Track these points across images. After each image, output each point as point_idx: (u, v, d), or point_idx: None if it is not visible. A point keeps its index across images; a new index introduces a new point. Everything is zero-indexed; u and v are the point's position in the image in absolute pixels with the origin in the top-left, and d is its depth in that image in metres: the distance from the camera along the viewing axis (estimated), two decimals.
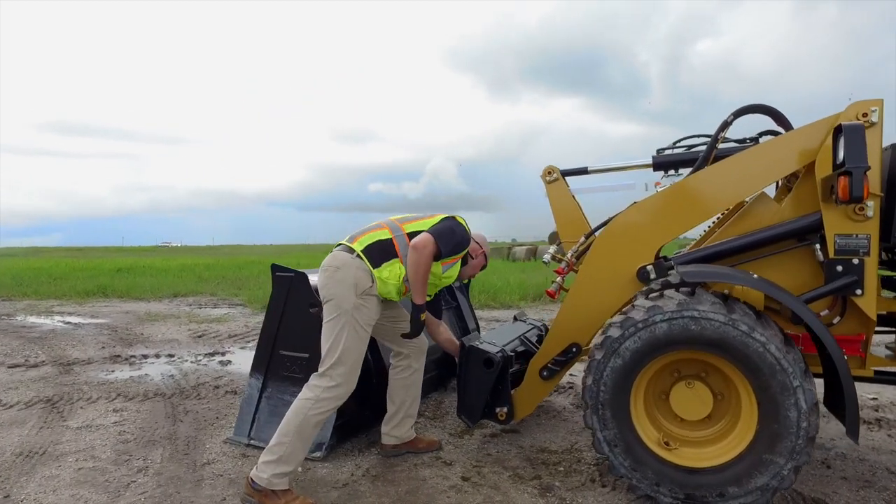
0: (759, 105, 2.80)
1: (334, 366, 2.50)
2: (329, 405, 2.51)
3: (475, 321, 4.73)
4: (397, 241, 2.69)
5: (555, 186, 3.39)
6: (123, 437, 3.25)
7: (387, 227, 2.75)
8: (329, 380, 2.50)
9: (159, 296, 11.53)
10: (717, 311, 2.21)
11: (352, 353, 2.53)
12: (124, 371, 4.98)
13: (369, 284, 2.59)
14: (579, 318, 2.85)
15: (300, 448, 2.47)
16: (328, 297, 2.57)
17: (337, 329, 2.52)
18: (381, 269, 2.62)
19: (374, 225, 2.79)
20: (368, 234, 2.70)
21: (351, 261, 2.60)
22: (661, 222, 2.74)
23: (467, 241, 2.82)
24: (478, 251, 3.01)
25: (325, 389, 2.49)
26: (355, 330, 2.54)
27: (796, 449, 2.12)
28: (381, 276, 2.62)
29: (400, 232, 2.72)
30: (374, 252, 2.63)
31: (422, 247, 2.56)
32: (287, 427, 2.46)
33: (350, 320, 2.53)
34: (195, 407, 3.88)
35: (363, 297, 2.57)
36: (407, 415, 2.99)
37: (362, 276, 2.57)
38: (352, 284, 2.54)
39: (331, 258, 2.65)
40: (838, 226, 2.41)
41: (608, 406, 2.36)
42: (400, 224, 2.76)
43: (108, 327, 7.49)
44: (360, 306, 2.55)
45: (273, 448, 2.44)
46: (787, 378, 2.13)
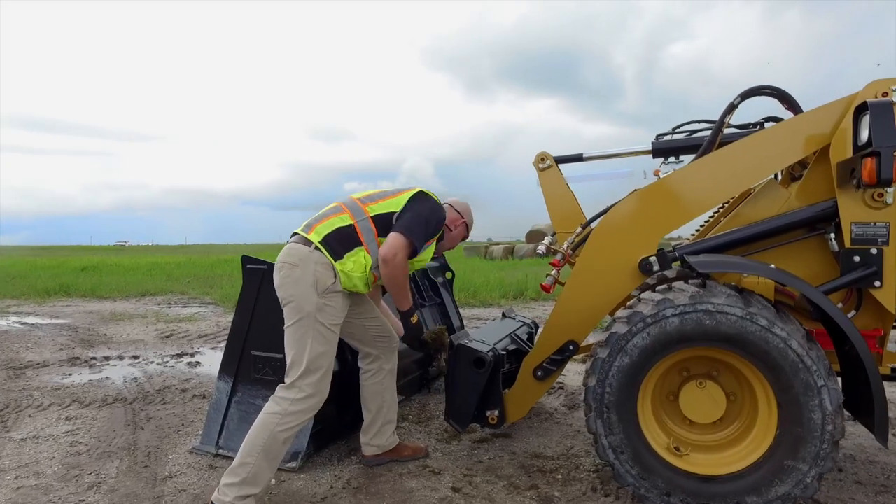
0: (768, 87, 2.63)
1: (303, 376, 2.24)
2: (299, 419, 2.25)
3: (460, 318, 4.51)
4: (360, 227, 2.39)
5: (548, 174, 3.18)
6: (75, 449, 2.94)
7: (347, 210, 2.44)
8: (298, 391, 2.24)
9: (126, 295, 11.04)
10: (734, 305, 2.02)
11: (321, 360, 2.27)
12: (83, 374, 4.62)
13: (332, 280, 2.29)
14: (576, 313, 2.63)
15: (267, 468, 2.21)
16: (287, 300, 2.29)
17: (300, 334, 2.25)
18: (343, 262, 2.32)
19: (332, 209, 2.47)
20: (326, 220, 2.40)
21: (309, 255, 2.30)
22: (664, 211, 2.55)
23: (442, 222, 2.57)
24: (457, 221, 2.74)
25: (294, 402, 2.23)
26: (321, 334, 2.27)
27: (821, 454, 1.95)
28: (345, 269, 2.32)
29: (363, 216, 2.42)
30: (334, 242, 2.33)
31: (391, 257, 2.29)
32: (252, 445, 2.19)
33: (313, 324, 2.25)
34: (159, 413, 3.57)
35: (326, 296, 2.28)
36: (386, 421, 2.74)
37: (323, 272, 2.28)
38: (312, 283, 2.25)
39: (286, 253, 2.34)
40: (855, 213, 2.25)
41: (614, 409, 2.16)
42: (363, 205, 2.45)
43: (69, 328, 7.06)
44: (323, 307, 2.27)
45: (236, 469, 2.18)
46: (810, 377, 1.95)
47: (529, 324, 3.75)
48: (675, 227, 2.59)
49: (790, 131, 2.41)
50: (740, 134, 2.87)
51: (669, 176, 2.65)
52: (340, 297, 2.35)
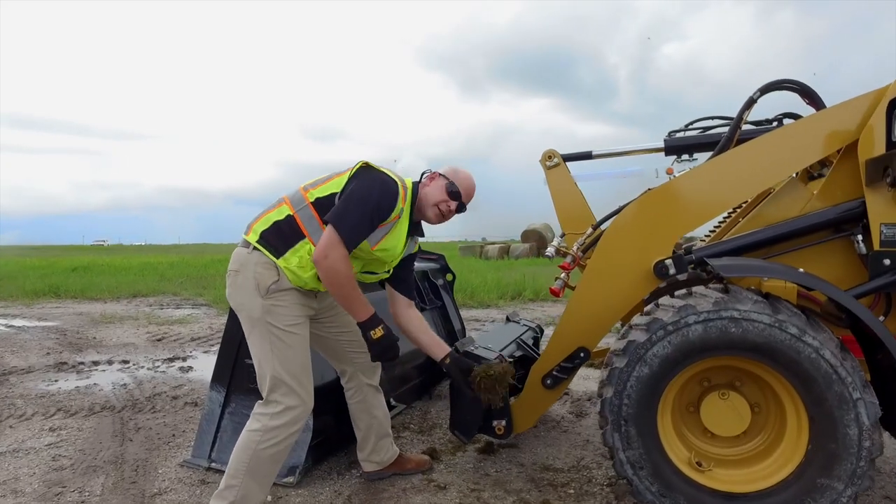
0: (789, 80, 2.51)
1: (274, 388, 2.05)
2: (282, 433, 2.06)
3: (461, 322, 4.38)
4: (300, 217, 2.09)
5: (555, 172, 3.05)
6: (58, 464, 2.77)
7: (287, 201, 2.16)
8: (274, 405, 2.05)
9: (117, 296, 10.83)
10: (762, 312, 1.90)
11: (288, 367, 2.05)
12: (69, 381, 4.45)
13: (275, 279, 2.05)
14: (587, 318, 2.50)
15: (257, 489, 2.06)
16: (238, 309, 2.11)
17: (257, 344, 2.07)
18: (286, 258, 2.06)
19: (274, 203, 2.21)
20: (263, 217, 2.15)
21: (248, 257, 2.08)
22: (680, 211, 2.42)
23: (389, 195, 2.09)
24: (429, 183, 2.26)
25: (273, 416, 2.05)
26: (278, 338, 2.05)
27: (857, 472, 1.83)
28: (289, 266, 2.06)
29: (303, 203, 2.11)
30: (272, 238, 2.08)
31: (322, 257, 1.96)
32: (236, 466, 2.04)
33: (266, 328, 2.04)
34: (149, 422, 3.42)
35: (272, 297, 2.05)
36: (381, 436, 2.55)
37: (263, 273, 2.05)
38: (253, 286, 2.04)
39: (231, 260, 2.14)
40: (885, 214, 2.13)
41: (632, 422, 2.03)
42: (304, 192, 2.15)
43: (57, 330, 6.87)
44: (270, 309, 2.04)
45: (223, 492, 2.03)
46: (845, 389, 1.83)
47: (535, 328, 3.63)
48: (691, 228, 2.47)
49: (813, 128, 2.29)
50: (757, 131, 2.75)
51: (685, 175, 2.53)
52: (292, 296, 2.09)
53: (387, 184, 2.10)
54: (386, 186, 2.09)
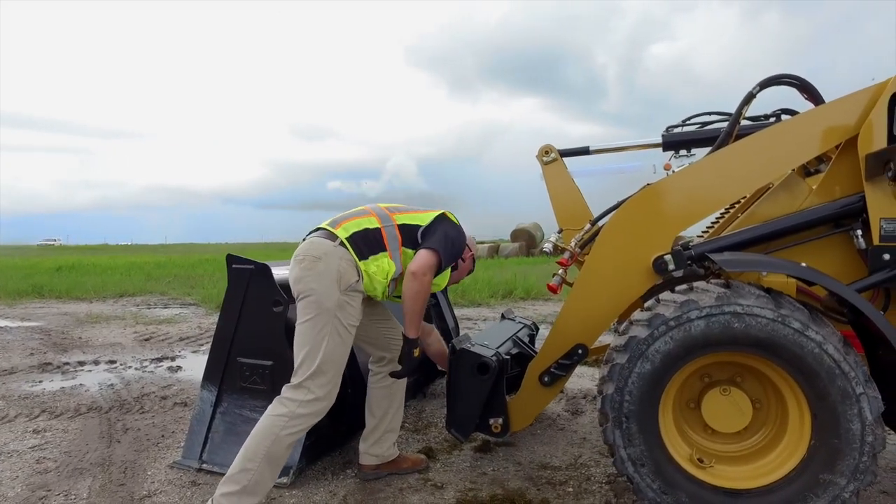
0: (789, 76, 2.50)
1: (314, 376, 2.09)
2: (306, 422, 2.12)
3: (454, 320, 4.34)
4: (386, 233, 2.31)
5: (552, 168, 3.03)
6: (42, 466, 2.69)
7: (374, 214, 2.36)
8: (307, 392, 2.09)
9: (103, 296, 10.66)
10: (765, 306, 1.88)
11: (334, 361, 2.14)
12: (54, 381, 4.35)
13: (356, 279, 2.19)
14: (586, 315, 2.47)
15: (269, 475, 2.06)
16: (305, 293, 2.14)
17: (317, 331, 2.11)
18: (367, 263, 2.23)
19: (359, 210, 2.39)
20: (354, 220, 2.31)
21: (333, 250, 2.18)
22: (679, 207, 2.40)
23: (463, 247, 2.48)
24: (467, 254, 2.64)
25: (302, 404, 2.08)
26: (338, 333, 2.14)
27: (860, 468, 1.81)
28: (368, 270, 2.22)
29: (390, 222, 2.34)
30: (360, 242, 2.24)
31: (422, 273, 2.18)
32: (254, 450, 2.03)
33: (332, 321, 2.12)
34: (137, 423, 3.34)
35: (348, 294, 2.17)
36: (388, 429, 2.58)
37: (347, 269, 2.17)
38: (335, 278, 2.14)
39: (308, 246, 2.22)
40: (885, 209, 2.13)
41: (634, 419, 2.00)
42: (390, 213, 2.39)
43: (41, 331, 6.74)
44: (344, 304, 2.15)
45: (236, 476, 2.01)
46: (848, 384, 1.81)
47: (530, 325, 3.60)
48: (691, 223, 2.45)
49: (812, 123, 2.28)
50: (756, 127, 2.74)
51: (684, 170, 2.51)
52: (360, 298, 2.24)
53: (464, 236, 2.48)
54: (464, 238, 2.47)
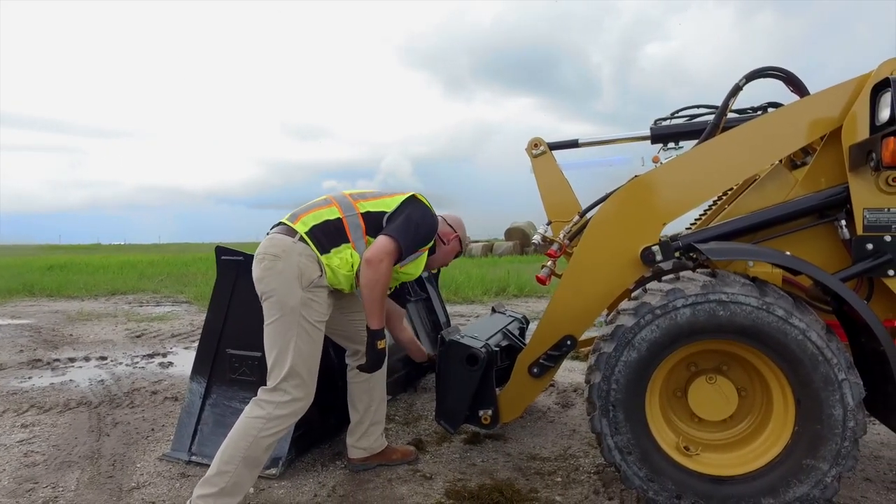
0: (774, 68, 2.52)
1: (287, 377, 2.06)
2: (284, 423, 2.09)
3: (446, 314, 4.34)
4: (348, 223, 2.22)
5: (542, 161, 3.04)
6: (30, 460, 2.68)
7: (336, 203, 2.27)
8: (282, 394, 2.06)
9: (95, 294, 10.60)
10: (749, 294, 1.90)
11: (306, 360, 2.10)
12: (44, 377, 4.33)
13: (318, 274, 2.12)
14: (574, 306, 2.48)
15: (248, 476, 2.03)
16: (268, 294, 2.09)
17: (283, 332, 2.07)
18: (330, 256, 2.15)
19: (320, 201, 2.30)
20: (314, 211, 2.22)
21: (293, 246, 2.12)
22: (667, 198, 2.42)
23: (434, 230, 2.37)
24: (450, 235, 2.58)
25: (280, 405, 2.05)
26: (306, 331, 2.09)
27: (842, 452, 1.83)
28: (331, 264, 2.14)
29: (353, 211, 2.25)
30: (320, 234, 2.16)
31: (377, 261, 2.09)
32: (231, 452, 2.00)
33: (298, 320, 2.07)
34: (126, 417, 3.33)
35: (311, 291, 2.11)
36: (374, 422, 2.56)
37: (308, 265, 2.10)
38: (296, 276, 2.07)
39: (268, 244, 2.15)
40: (868, 199, 2.15)
41: (620, 407, 2.02)
42: (353, 201, 2.29)
43: (31, 328, 6.69)
44: (308, 302, 2.09)
45: (212, 478, 1.98)
46: (830, 370, 1.84)
47: (520, 318, 3.61)
48: (678, 215, 2.46)
49: (797, 115, 2.30)
50: (742, 119, 2.76)
51: (671, 162, 2.52)
52: (326, 293, 2.18)
53: (434, 218, 2.36)
54: (433, 220, 2.35)
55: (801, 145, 2.36)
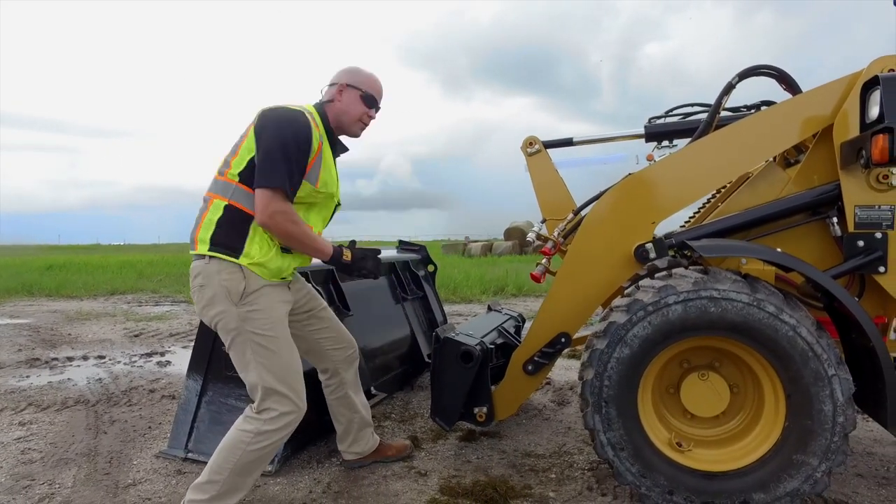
0: (767, 66, 2.54)
1: (265, 397, 1.96)
2: (275, 437, 1.99)
3: (442, 312, 4.36)
4: (237, 201, 1.94)
5: (536, 159, 3.05)
6: (27, 457, 2.70)
7: (214, 195, 1.99)
8: (268, 413, 1.97)
9: (94, 293, 10.61)
10: (740, 291, 1.91)
11: (277, 373, 1.96)
12: (42, 376, 4.34)
13: (243, 284, 1.91)
14: (568, 303, 2.50)
15: (240, 483, 1.98)
16: (211, 325, 1.99)
17: (240, 354, 1.96)
18: (246, 254, 1.92)
19: (202, 206, 2.02)
20: (203, 223, 1.97)
21: (207, 268, 1.93)
22: (660, 196, 2.43)
23: (300, 130, 1.93)
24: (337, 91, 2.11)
25: (267, 422, 1.96)
26: (260, 346, 1.93)
27: (832, 448, 1.85)
28: (252, 259, 1.92)
29: (231, 186, 1.95)
30: (223, 239, 1.93)
31: (269, 220, 1.87)
32: (221, 463, 1.94)
33: (248, 337, 1.92)
34: (124, 415, 3.34)
35: (247, 303, 1.92)
36: (361, 426, 2.51)
37: (230, 279, 1.91)
38: (224, 296, 1.91)
39: (191, 275, 2.01)
40: (859, 196, 2.16)
41: (613, 403, 2.03)
42: (224, 178, 1.98)
43: (30, 327, 6.70)
44: (247, 316, 1.92)
45: (203, 486, 1.94)
46: (820, 366, 1.85)
47: (516, 317, 3.62)
48: (671, 212, 2.48)
49: (789, 112, 2.31)
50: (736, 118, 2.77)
51: (665, 160, 2.54)
52: (266, 297, 1.96)
53: (295, 119, 1.94)
54: (296, 122, 1.93)
55: (794, 143, 2.38)
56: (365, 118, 2.15)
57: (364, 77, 2.15)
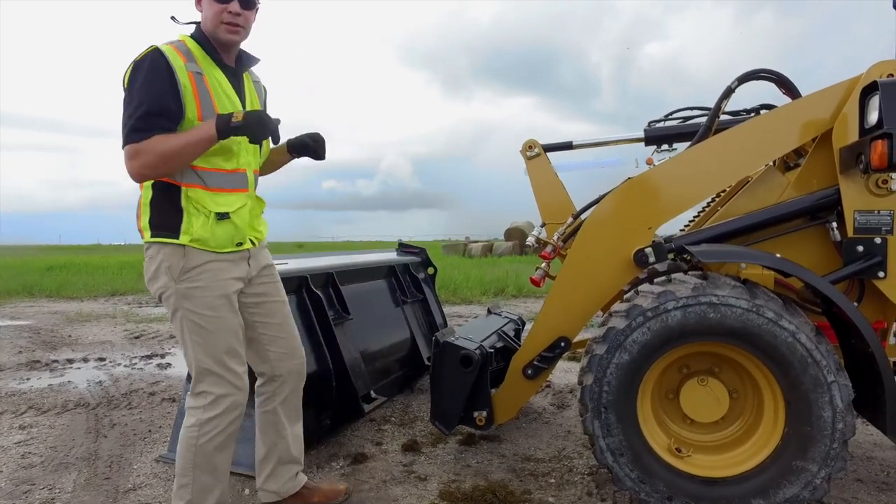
0: (766, 70, 2.53)
1: (199, 378, 1.88)
2: (220, 423, 1.88)
3: (442, 315, 4.37)
4: None
5: (536, 163, 3.05)
6: (27, 461, 2.70)
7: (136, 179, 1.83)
8: (203, 397, 1.88)
9: (94, 294, 10.62)
10: (739, 297, 1.91)
11: (212, 351, 1.86)
12: (42, 379, 4.35)
13: (183, 257, 1.83)
14: (568, 308, 2.50)
15: (211, 480, 1.91)
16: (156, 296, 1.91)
17: (179, 333, 1.90)
18: (185, 231, 1.82)
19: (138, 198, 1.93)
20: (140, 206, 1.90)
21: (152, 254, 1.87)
22: (659, 200, 2.43)
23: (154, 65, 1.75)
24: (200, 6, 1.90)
25: (205, 409, 1.88)
26: (195, 323, 1.85)
27: (831, 454, 1.84)
28: (194, 236, 1.82)
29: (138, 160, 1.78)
30: (159, 221, 1.85)
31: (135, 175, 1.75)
32: (183, 465, 1.90)
33: (185, 315, 1.85)
34: (124, 419, 3.35)
35: (187, 279, 1.83)
36: (283, 461, 2.18)
37: (170, 256, 1.83)
38: (165, 274, 1.84)
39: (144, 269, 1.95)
40: (858, 201, 2.16)
41: (612, 409, 2.03)
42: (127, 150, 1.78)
43: (30, 329, 6.71)
44: (187, 293, 1.84)
45: (178, 492, 1.91)
46: (820, 372, 1.85)
47: (516, 320, 3.62)
48: (671, 217, 2.48)
49: (789, 117, 2.31)
50: (735, 121, 2.77)
51: (664, 164, 2.54)
52: (211, 272, 1.86)
53: (141, 61, 1.76)
54: (141, 64, 1.76)
55: (793, 147, 2.37)
56: (225, 16, 1.84)
57: None
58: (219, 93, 1.87)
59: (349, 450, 2.79)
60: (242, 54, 1.99)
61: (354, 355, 3.14)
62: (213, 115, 1.81)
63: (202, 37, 1.90)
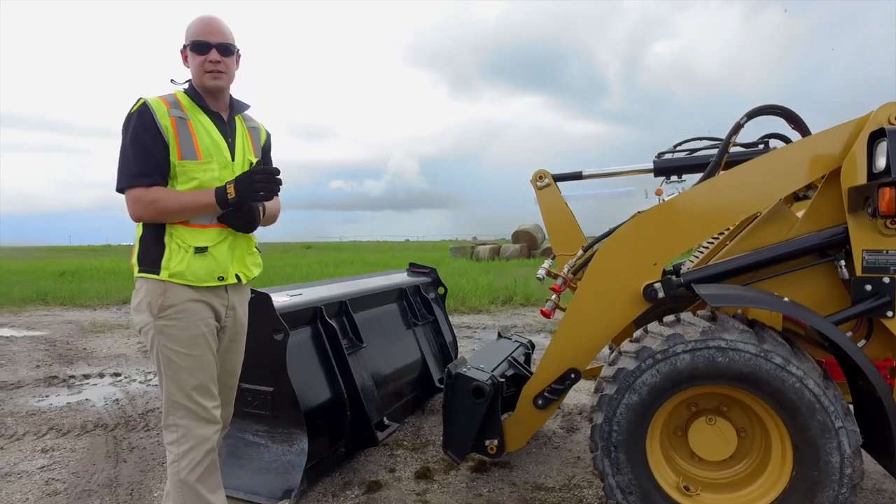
0: (774, 106, 2.57)
1: (170, 411, 1.92)
2: (195, 455, 1.91)
3: (452, 335, 4.41)
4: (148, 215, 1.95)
5: (546, 193, 3.10)
6: (51, 488, 2.78)
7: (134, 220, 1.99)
8: (173, 430, 1.92)
9: (106, 302, 10.75)
10: (748, 341, 1.94)
11: (181, 387, 1.90)
12: (61, 396, 4.43)
13: (162, 293, 1.90)
14: (578, 340, 2.54)
15: None
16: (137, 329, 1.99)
17: (156, 364, 1.95)
18: (164, 267, 1.90)
19: None
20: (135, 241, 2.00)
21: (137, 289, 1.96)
22: (669, 235, 2.46)
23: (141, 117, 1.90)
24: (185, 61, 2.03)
25: (177, 443, 1.91)
26: (169, 359, 1.90)
27: (839, 499, 1.87)
28: (174, 271, 1.89)
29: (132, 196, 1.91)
30: (144, 256, 1.94)
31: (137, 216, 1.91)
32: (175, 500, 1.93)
33: (160, 350, 1.91)
34: (142, 441, 3.42)
35: (165, 316, 1.90)
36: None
37: (151, 292, 1.91)
38: (146, 310, 1.92)
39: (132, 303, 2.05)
40: (867, 241, 2.18)
41: (622, 448, 2.07)
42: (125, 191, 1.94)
43: (46, 341, 6.83)
44: (163, 329, 1.90)
45: None
46: (827, 418, 1.88)
47: (526, 343, 3.66)
48: (680, 251, 2.52)
49: (799, 154, 2.34)
50: (745, 153, 2.80)
51: (674, 199, 2.57)
52: (188, 312, 1.92)
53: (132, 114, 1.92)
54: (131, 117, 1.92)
55: (802, 185, 2.41)
56: (207, 65, 1.97)
57: (187, 30, 2.01)
58: (202, 135, 1.98)
59: (363, 477, 2.84)
60: (233, 101, 2.12)
61: (368, 383, 3.19)
62: (194, 155, 1.95)
63: (192, 89, 2.05)
